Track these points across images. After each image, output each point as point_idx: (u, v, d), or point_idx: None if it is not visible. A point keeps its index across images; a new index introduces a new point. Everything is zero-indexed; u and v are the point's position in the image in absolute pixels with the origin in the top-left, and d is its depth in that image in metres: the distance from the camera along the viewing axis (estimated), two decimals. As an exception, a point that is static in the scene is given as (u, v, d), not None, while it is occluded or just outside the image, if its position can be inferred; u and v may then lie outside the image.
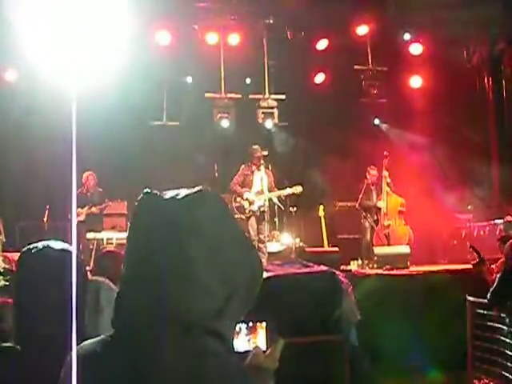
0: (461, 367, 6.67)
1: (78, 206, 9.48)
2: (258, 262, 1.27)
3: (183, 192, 1.21)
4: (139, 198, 1.24)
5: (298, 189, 9.27)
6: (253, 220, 9.20)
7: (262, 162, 9.32)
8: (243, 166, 9.55)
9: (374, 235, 9.91)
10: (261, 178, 9.27)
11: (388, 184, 10.03)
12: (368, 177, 10.25)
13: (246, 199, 9.21)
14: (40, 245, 1.77)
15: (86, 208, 9.53)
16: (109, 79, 10.69)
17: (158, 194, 1.22)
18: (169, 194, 1.21)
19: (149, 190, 1.24)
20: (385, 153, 10.30)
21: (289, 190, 9.31)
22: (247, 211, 9.21)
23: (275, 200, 9.42)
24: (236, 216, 8.91)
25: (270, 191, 9.17)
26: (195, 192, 1.21)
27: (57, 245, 1.78)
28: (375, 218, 10.09)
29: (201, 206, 1.18)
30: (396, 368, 6.97)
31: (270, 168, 9.70)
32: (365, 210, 10.14)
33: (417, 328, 7.23)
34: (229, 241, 1.20)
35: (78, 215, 9.45)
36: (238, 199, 9.33)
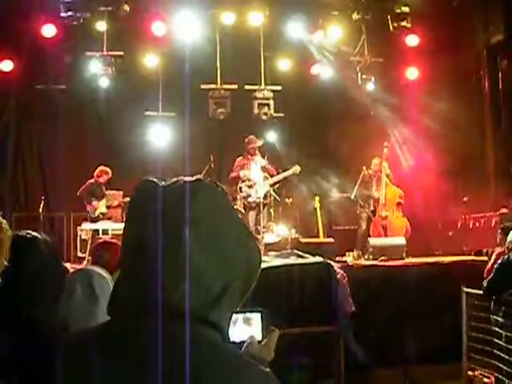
0: (456, 358, 6.70)
1: (95, 198, 9.43)
2: (257, 253, 1.25)
3: (182, 180, 1.20)
4: (137, 184, 1.23)
5: (297, 169, 9.42)
6: (252, 210, 9.26)
7: (257, 152, 9.35)
8: (239, 157, 9.56)
9: (372, 226, 9.89)
10: (258, 168, 9.31)
11: (387, 175, 10.00)
12: (371, 167, 10.17)
13: (249, 186, 9.26)
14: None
15: (104, 200, 9.48)
16: (104, 70, 10.64)
17: (156, 181, 1.21)
18: (167, 182, 1.21)
19: (147, 178, 1.23)
20: (385, 143, 10.29)
21: (289, 172, 9.42)
22: (247, 201, 9.26)
23: (271, 191, 9.44)
24: (236, 207, 8.93)
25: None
26: (194, 180, 1.20)
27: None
28: (372, 208, 10.07)
29: (199, 194, 1.17)
30: (390, 359, 7.01)
31: (265, 158, 9.72)
32: (362, 200, 10.08)
33: (412, 319, 7.25)
34: (227, 230, 1.19)
35: (95, 208, 9.37)
36: (240, 189, 9.34)
